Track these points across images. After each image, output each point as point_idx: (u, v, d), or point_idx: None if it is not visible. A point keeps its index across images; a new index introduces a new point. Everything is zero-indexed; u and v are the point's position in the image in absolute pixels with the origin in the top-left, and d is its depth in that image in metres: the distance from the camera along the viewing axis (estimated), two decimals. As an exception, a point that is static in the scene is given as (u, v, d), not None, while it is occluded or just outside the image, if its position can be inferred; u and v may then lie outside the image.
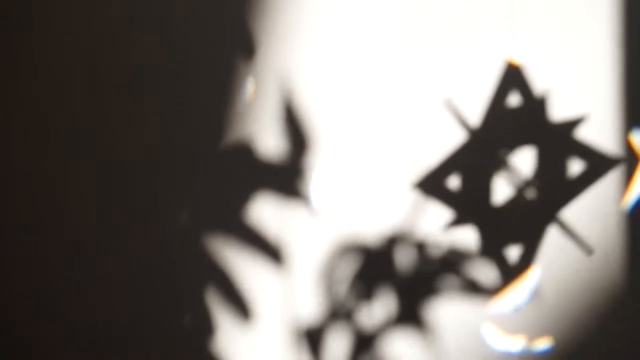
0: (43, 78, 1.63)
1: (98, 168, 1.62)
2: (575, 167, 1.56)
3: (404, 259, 1.59)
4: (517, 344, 1.59)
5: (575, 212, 1.56)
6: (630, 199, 1.57)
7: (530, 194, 1.57)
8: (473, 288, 1.58)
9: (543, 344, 1.58)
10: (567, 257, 1.58)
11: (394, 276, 1.59)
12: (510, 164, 1.57)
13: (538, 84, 1.56)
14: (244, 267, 1.60)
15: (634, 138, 1.57)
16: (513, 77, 1.56)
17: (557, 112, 1.56)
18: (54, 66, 1.62)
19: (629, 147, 1.57)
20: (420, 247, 1.59)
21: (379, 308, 1.60)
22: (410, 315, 1.59)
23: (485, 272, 1.58)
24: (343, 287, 1.60)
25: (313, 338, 1.60)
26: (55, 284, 1.63)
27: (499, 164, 1.57)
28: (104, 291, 1.62)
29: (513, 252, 1.57)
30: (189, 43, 1.60)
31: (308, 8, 1.59)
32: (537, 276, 1.57)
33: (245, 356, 1.61)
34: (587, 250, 1.57)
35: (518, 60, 1.56)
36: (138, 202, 1.61)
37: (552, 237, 1.57)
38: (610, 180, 1.57)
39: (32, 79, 1.63)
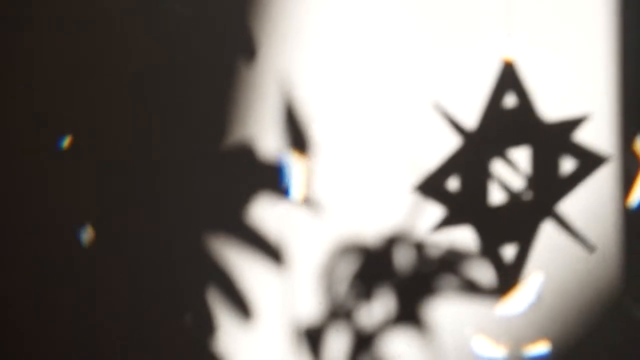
0: (42, 78, 1.62)
1: (98, 168, 1.62)
2: (573, 167, 1.57)
3: (403, 259, 1.60)
4: (513, 344, 1.60)
5: (573, 212, 1.58)
6: (633, 200, 1.59)
7: (528, 194, 1.58)
8: (471, 288, 1.59)
9: (540, 344, 1.60)
10: (565, 258, 1.59)
11: (393, 276, 1.60)
12: (508, 164, 1.58)
13: (536, 83, 1.57)
14: (245, 267, 1.61)
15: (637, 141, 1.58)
16: (510, 77, 1.57)
17: (555, 112, 1.57)
18: (53, 66, 1.62)
19: (631, 150, 1.58)
20: (419, 247, 1.60)
21: (378, 308, 1.61)
22: (409, 314, 1.60)
23: (483, 272, 1.59)
24: (343, 287, 1.61)
25: (313, 337, 1.61)
26: (55, 284, 1.63)
27: (497, 164, 1.58)
28: (104, 291, 1.62)
29: (511, 252, 1.58)
30: (189, 43, 1.61)
31: (308, 8, 1.59)
32: (540, 281, 1.59)
33: (246, 355, 1.61)
34: (589, 248, 1.58)
35: (515, 59, 1.57)
36: (138, 202, 1.62)
37: (550, 237, 1.58)
38: (607, 181, 1.59)
39: (31, 78, 1.63)
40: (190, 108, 1.61)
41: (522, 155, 1.58)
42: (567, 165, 1.57)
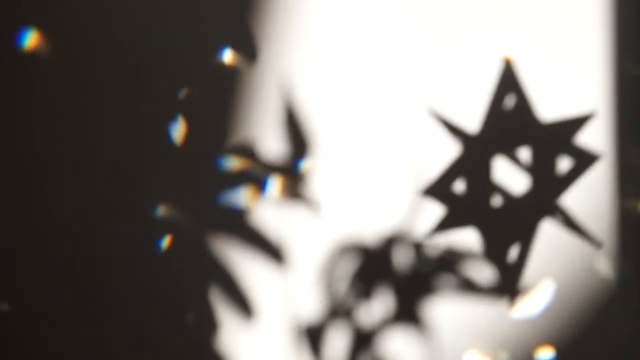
0: (42, 77, 1.62)
1: (99, 168, 1.62)
2: (573, 166, 1.59)
3: (402, 258, 1.61)
4: (512, 344, 1.61)
5: (573, 212, 1.59)
6: None
7: (529, 194, 1.59)
8: (470, 287, 1.60)
9: (539, 344, 1.61)
10: (563, 257, 1.60)
11: (393, 275, 1.61)
12: (508, 164, 1.59)
13: (535, 84, 1.58)
14: (246, 266, 1.61)
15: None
16: (510, 77, 1.58)
17: (554, 112, 1.58)
18: (53, 66, 1.62)
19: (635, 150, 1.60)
20: (418, 247, 1.61)
21: (378, 306, 1.61)
22: (408, 313, 1.61)
23: (482, 272, 1.60)
24: (343, 285, 1.61)
25: (313, 335, 1.61)
26: (55, 284, 1.63)
27: (498, 164, 1.59)
28: (106, 291, 1.62)
29: (511, 253, 1.59)
30: (189, 43, 1.61)
31: (308, 9, 1.60)
32: (551, 287, 1.60)
33: (248, 353, 1.62)
34: (596, 244, 1.59)
35: (515, 59, 1.58)
36: (139, 202, 1.62)
37: (548, 237, 1.59)
38: (606, 181, 1.60)
39: (31, 78, 1.62)
40: (190, 109, 1.61)
41: (522, 156, 1.58)
42: (568, 165, 1.58)
